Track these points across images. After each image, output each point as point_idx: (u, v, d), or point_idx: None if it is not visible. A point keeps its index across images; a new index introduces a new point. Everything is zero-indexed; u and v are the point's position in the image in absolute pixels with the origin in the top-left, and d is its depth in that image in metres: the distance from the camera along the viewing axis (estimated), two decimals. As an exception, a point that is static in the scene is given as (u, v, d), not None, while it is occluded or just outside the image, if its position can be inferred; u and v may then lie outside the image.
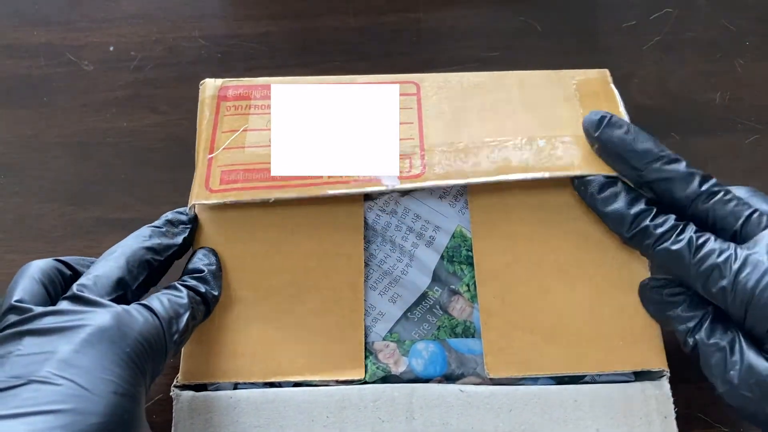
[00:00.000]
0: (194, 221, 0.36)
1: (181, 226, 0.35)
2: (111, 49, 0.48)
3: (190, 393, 0.33)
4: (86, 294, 0.28)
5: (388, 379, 0.34)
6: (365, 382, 0.34)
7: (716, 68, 0.47)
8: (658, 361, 0.34)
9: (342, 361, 0.34)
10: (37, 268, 0.30)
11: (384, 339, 0.36)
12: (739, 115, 0.46)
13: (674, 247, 0.31)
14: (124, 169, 0.45)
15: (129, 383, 0.26)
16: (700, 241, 0.31)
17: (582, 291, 0.35)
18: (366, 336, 0.35)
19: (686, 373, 0.34)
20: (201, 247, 0.36)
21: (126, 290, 0.30)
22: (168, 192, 0.44)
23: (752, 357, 0.29)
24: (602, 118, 0.35)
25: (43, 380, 0.25)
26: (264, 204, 0.36)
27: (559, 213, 0.37)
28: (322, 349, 0.34)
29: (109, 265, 0.31)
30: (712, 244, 0.31)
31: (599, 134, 0.35)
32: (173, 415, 0.33)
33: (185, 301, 0.31)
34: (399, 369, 0.35)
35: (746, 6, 0.48)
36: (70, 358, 0.25)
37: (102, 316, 0.27)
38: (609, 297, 0.35)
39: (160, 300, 0.30)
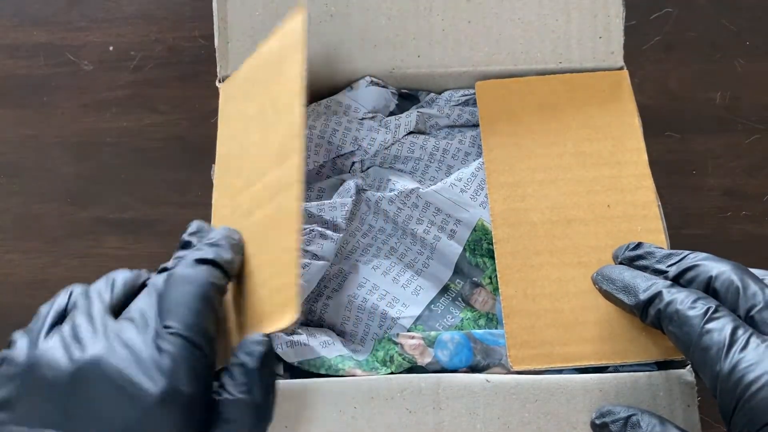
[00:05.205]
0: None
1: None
2: (111, 49, 0.48)
3: None
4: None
5: (414, 370, 0.34)
6: (392, 373, 0.34)
7: (716, 68, 0.47)
8: None
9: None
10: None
11: (409, 330, 0.36)
12: (739, 114, 0.46)
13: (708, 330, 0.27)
14: (124, 169, 0.45)
15: None
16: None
17: None
18: (390, 328, 0.35)
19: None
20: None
21: None
22: (168, 192, 0.44)
23: None
24: None
25: None
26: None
27: (578, 209, 0.37)
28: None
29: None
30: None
31: None
32: None
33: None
34: (425, 360, 0.34)
35: (746, 6, 0.48)
36: None
37: None
38: None
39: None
